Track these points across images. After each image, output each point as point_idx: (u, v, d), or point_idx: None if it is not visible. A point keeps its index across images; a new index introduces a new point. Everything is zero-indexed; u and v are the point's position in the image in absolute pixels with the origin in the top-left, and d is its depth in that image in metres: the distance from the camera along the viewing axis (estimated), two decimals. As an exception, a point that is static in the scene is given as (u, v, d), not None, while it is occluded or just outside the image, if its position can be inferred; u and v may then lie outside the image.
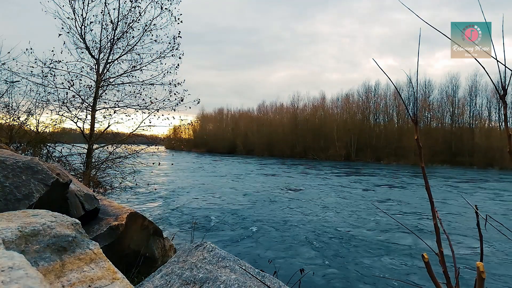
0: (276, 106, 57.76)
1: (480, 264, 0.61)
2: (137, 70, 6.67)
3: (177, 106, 6.71)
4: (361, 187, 14.25)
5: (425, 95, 42.91)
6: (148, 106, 6.69)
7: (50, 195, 1.91)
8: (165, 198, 10.08)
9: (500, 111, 36.74)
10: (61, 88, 6.14)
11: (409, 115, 0.79)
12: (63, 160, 6.32)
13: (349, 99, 48.93)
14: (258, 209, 8.69)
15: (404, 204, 10.14)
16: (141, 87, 6.72)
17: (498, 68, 0.64)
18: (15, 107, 6.35)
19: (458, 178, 20.46)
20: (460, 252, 5.43)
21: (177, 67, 6.75)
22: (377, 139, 43.04)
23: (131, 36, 6.50)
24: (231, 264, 1.81)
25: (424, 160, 0.76)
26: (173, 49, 6.68)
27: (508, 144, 0.67)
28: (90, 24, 6.18)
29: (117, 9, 6.24)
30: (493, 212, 9.09)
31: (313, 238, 6.16)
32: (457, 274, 0.74)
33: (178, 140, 10.22)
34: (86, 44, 6.25)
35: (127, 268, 2.49)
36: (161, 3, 6.47)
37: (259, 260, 4.86)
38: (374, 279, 4.30)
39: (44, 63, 5.96)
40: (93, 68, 6.41)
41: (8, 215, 1.27)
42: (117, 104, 6.66)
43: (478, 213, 0.73)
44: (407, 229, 6.39)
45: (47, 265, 1.10)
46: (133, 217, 2.78)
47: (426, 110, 42.21)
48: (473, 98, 41.17)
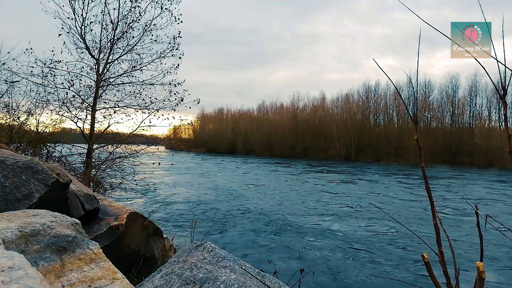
0: (276, 106, 57.82)
1: (480, 264, 0.61)
2: (137, 70, 6.68)
3: (177, 106, 6.71)
4: (361, 187, 14.24)
5: (425, 95, 42.91)
6: (148, 106, 6.69)
7: (50, 195, 1.91)
8: (165, 198, 10.07)
9: (500, 111, 36.72)
10: (61, 88, 6.14)
11: (409, 115, 0.79)
12: (63, 160, 6.32)
13: (349, 99, 48.97)
14: (258, 209, 8.69)
15: (404, 204, 10.14)
16: (141, 87, 6.73)
17: (498, 68, 0.64)
18: (15, 107, 6.36)
19: (458, 178, 20.45)
20: (460, 252, 5.43)
21: (177, 67, 6.75)
22: (377, 139, 43.03)
23: (131, 36, 6.51)
24: (231, 264, 1.81)
25: (424, 160, 0.75)
26: (173, 49, 6.69)
27: (508, 144, 0.67)
28: (90, 24, 6.18)
29: (117, 9, 6.25)
30: (493, 212, 9.09)
31: (313, 238, 6.15)
32: (457, 274, 0.74)
33: (178, 140, 10.21)
34: (86, 44, 6.25)
35: (127, 268, 2.49)
36: (161, 3, 6.48)
37: (259, 260, 4.86)
38: (375, 279, 4.30)
39: (44, 63, 5.96)
40: (93, 68, 6.41)
41: (8, 215, 1.27)
42: (117, 104, 6.67)
43: (478, 213, 0.73)
44: (407, 229, 6.39)
45: (47, 265, 1.10)
46: (133, 217, 2.78)
47: (426, 110, 42.20)
48: (473, 98, 41.21)
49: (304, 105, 52.92)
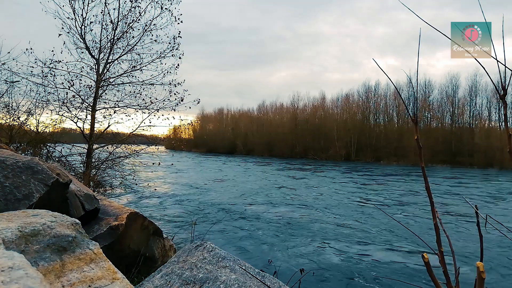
0: (276, 106, 57.86)
1: (480, 264, 0.61)
2: (137, 70, 6.67)
3: (177, 106, 6.71)
4: (361, 187, 14.24)
5: (425, 95, 42.92)
6: (148, 106, 6.69)
7: (50, 195, 1.91)
8: (165, 198, 10.07)
9: (500, 111, 36.75)
10: (61, 88, 6.14)
11: (409, 115, 0.79)
12: (63, 160, 6.31)
13: (349, 99, 48.98)
14: (258, 209, 8.69)
15: (404, 204, 10.14)
16: (141, 87, 6.73)
17: (498, 68, 0.64)
18: (15, 107, 6.35)
19: (458, 178, 20.45)
20: (460, 252, 5.43)
21: (177, 67, 6.75)
22: (377, 139, 43.03)
23: (131, 36, 6.50)
24: (231, 264, 1.81)
25: (424, 160, 0.75)
26: (173, 49, 6.68)
27: (508, 144, 0.67)
28: (90, 24, 6.18)
29: (117, 9, 6.24)
30: (493, 212, 9.09)
31: (314, 238, 6.16)
32: (457, 274, 0.74)
33: (178, 140, 10.24)
34: (86, 44, 6.24)
35: (127, 268, 2.49)
36: (161, 3, 6.47)
37: (259, 260, 4.86)
38: (375, 280, 4.30)
39: (44, 63, 5.95)
40: (93, 68, 6.41)
41: (8, 215, 1.27)
42: (117, 104, 6.66)
43: (478, 213, 0.73)
44: (407, 229, 6.39)
45: (47, 265, 1.10)
46: (133, 217, 2.78)
47: (426, 110, 42.20)
48: (473, 98, 41.23)
49: (304, 105, 53.03)
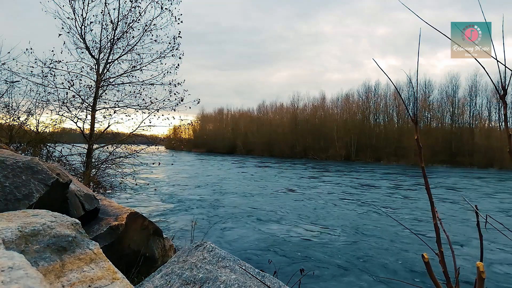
0: (276, 106, 57.85)
1: (480, 264, 0.61)
2: (137, 70, 6.67)
3: (177, 106, 6.71)
4: (361, 187, 14.24)
5: (425, 95, 42.91)
6: (148, 106, 6.69)
7: (50, 195, 1.91)
8: (165, 198, 10.07)
9: (500, 111, 36.72)
10: (61, 88, 6.14)
11: (409, 115, 0.79)
12: (63, 160, 6.32)
13: (349, 99, 48.97)
14: (258, 209, 8.69)
15: (404, 204, 10.14)
16: (141, 87, 6.73)
17: (498, 68, 0.64)
18: (15, 107, 6.36)
19: (458, 178, 20.45)
20: (460, 252, 5.43)
21: (177, 67, 6.75)
22: (377, 139, 43.04)
23: (131, 36, 6.50)
24: (231, 264, 1.81)
25: (424, 160, 0.75)
26: (173, 49, 6.69)
27: (508, 144, 0.66)
28: (90, 24, 6.18)
29: (117, 9, 6.24)
30: (493, 212, 9.09)
31: (314, 238, 6.15)
32: (457, 274, 0.74)
33: (178, 140, 10.22)
34: (86, 44, 6.25)
35: (127, 268, 2.49)
36: (161, 3, 6.47)
37: (259, 260, 4.86)
38: (375, 280, 4.30)
39: (44, 63, 5.95)
40: (93, 68, 6.41)
41: (8, 215, 1.27)
42: (117, 104, 6.67)
43: (478, 213, 0.73)
44: (407, 229, 6.39)
45: (47, 265, 1.10)
46: (133, 217, 2.78)
47: (426, 110, 42.20)
48: (473, 98, 41.21)
49: (304, 105, 53.01)
